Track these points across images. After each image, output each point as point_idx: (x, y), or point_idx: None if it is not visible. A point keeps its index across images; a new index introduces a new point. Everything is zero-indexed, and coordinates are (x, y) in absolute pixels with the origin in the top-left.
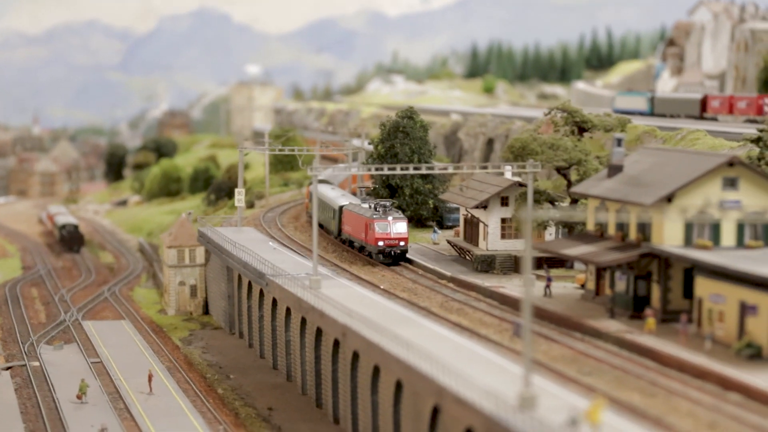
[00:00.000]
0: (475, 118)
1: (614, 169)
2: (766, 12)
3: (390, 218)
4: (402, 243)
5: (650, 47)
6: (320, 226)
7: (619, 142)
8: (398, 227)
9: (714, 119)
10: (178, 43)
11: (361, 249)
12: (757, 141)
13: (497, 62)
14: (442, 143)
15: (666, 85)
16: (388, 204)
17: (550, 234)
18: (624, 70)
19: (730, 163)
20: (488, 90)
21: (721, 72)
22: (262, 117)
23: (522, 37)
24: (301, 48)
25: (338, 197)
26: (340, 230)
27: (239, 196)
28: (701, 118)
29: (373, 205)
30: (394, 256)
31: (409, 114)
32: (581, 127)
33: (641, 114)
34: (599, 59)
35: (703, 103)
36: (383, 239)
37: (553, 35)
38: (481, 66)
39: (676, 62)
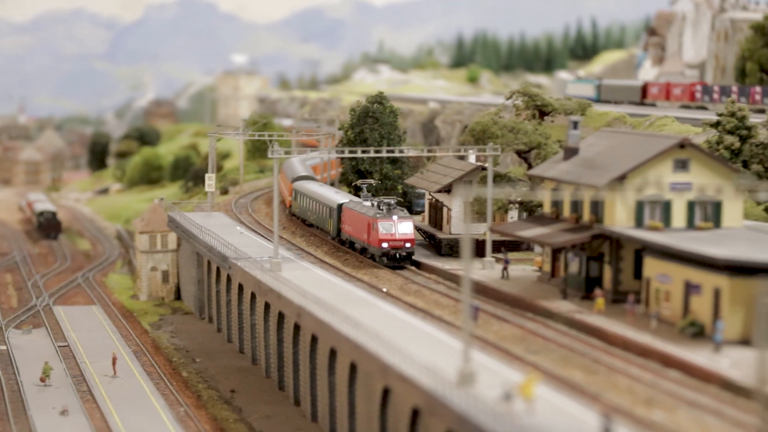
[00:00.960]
0: (452, 106)
1: (570, 152)
2: (746, 2)
3: (395, 217)
4: (408, 245)
5: (634, 37)
6: (311, 225)
7: (575, 125)
8: (404, 227)
9: (653, 105)
10: (164, 32)
11: (363, 251)
12: (716, 125)
13: (482, 52)
14: (420, 131)
15: (647, 75)
16: (392, 202)
17: (511, 217)
18: (606, 59)
19: (681, 145)
20: (472, 80)
21: (702, 61)
22: (248, 106)
23: (508, 27)
24: (288, 37)
25: (335, 194)
26: (339, 230)
27: (209, 181)
28: (642, 104)
29: (376, 203)
30: (400, 259)
31: (379, 99)
32: (542, 111)
33: (589, 100)
34: (584, 49)
35: (644, 90)
36: (387, 240)
37: (539, 25)
38: (467, 56)
39: (657, 52)
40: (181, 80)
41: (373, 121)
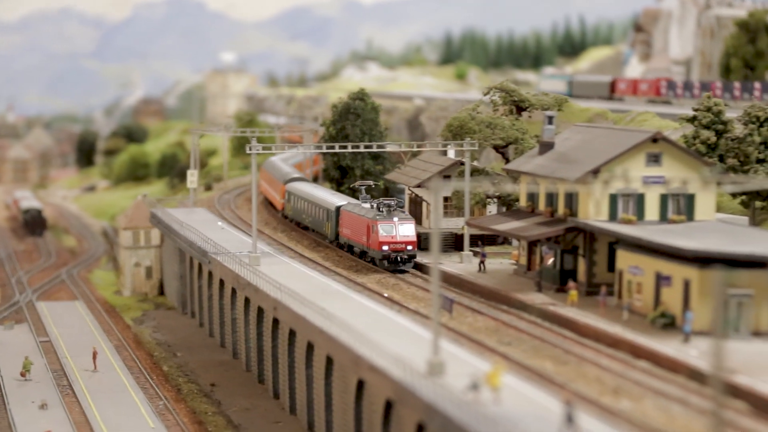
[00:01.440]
0: (437, 102)
1: (545, 147)
2: None
3: (395, 219)
4: (410, 247)
5: (622, 34)
6: (306, 228)
7: (550, 120)
8: (405, 229)
9: (621, 100)
10: (153, 31)
11: (363, 254)
12: (692, 120)
13: (471, 49)
14: (405, 127)
15: (634, 71)
16: (392, 203)
17: (490, 212)
18: (594, 56)
19: (654, 139)
20: (460, 77)
21: (688, 58)
22: (237, 104)
23: (497, 25)
24: (277, 35)
25: (333, 197)
26: (337, 234)
27: (191, 177)
28: (611, 98)
29: (375, 205)
30: (401, 262)
31: (360, 96)
32: (519, 107)
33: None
34: (572, 46)
35: (612, 86)
36: (388, 243)
37: (528, 22)
38: (455, 53)
39: (644, 48)
40: (170, 78)
41: (354, 118)
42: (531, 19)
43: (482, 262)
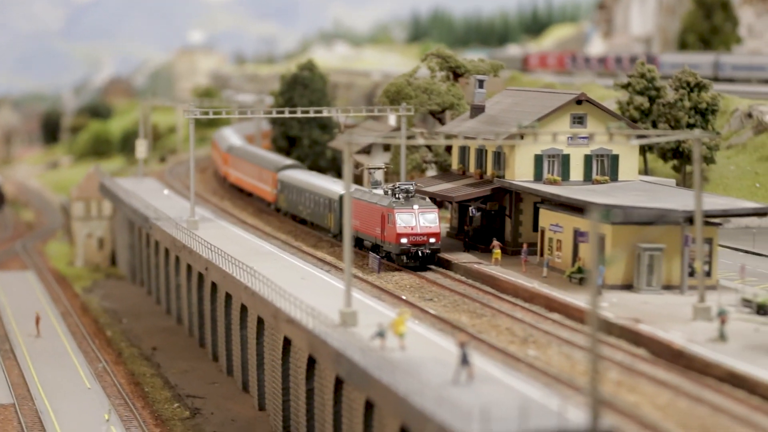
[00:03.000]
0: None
1: (476, 110)
2: None
3: (415, 207)
4: (432, 240)
5: (588, 12)
6: (303, 222)
7: (480, 83)
8: (427, 219)
9: (533, 72)
10: (121, 10)
11: (375, 249)
12: (626, 86)
13: (438, 28)
14: (363, 101)
15: (596, 48)
16: (411, 187)
17: (429, 176)
18: (557, 34)
19: (578, 101)
20: None
21: (648, 35)
22: (204, 83)
23: (465, 4)
24: (244, 14)
25: (335, 185)
26: (342, 226)
27: (140, 147)
28: (523, 71)
29: (390, 191)
30: (423, 258)
31: (309, 66)
32: (456, 73)
33: None
34: (537, 24)
35: (525, 60)
36: (407, 235)
37: (496, 1)
38: (422, 32)
39: (606, 26)
40: (139, 58)
41: (302, 88)
42: None
43: None
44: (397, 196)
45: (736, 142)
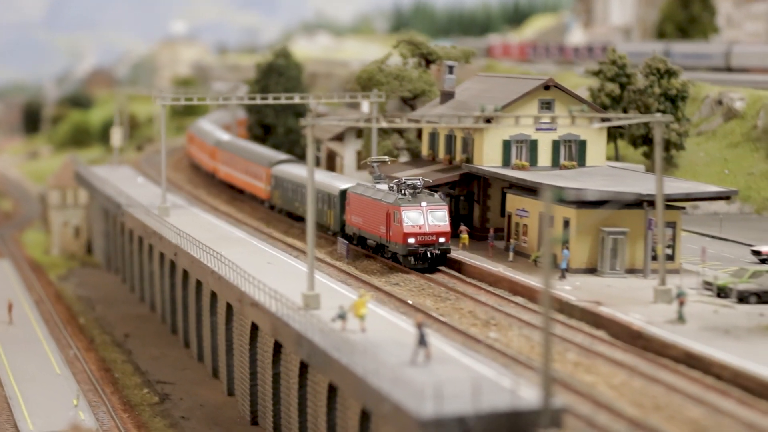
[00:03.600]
0: None
1: (446, 96)
2: None
3: (423, 204)
4: (442, 239)
5: (568, 2)
6: (300, 219)
7: (450, 69)
8: (436, 217)
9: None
10: (103, 0)
11: (379, 249)
12: (598, 73)
13: (421, 18)
14: (341, 90)
15: (575, 38)
16: (418, 183)
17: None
18: (538, 24)
19: (546, 87)
20: None
21: (627, 25)
22: (187, 73)
23: None
24: (227, 5)
25: (334, 179)
26: (343, 224)
27: (116, 135)
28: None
29: (396, 186)
30: (432, 259)
31: (284, 54)
32: (427, 59)
33: None
34: (519, 14)
35: (490, 51)
36: (415, 235)
37: None
38: (405, 22)
39: (586, 16)
40: (121, 48)
41: (277, 76)
42: None
43: None
44: (403, 192)
45: (706, 129)
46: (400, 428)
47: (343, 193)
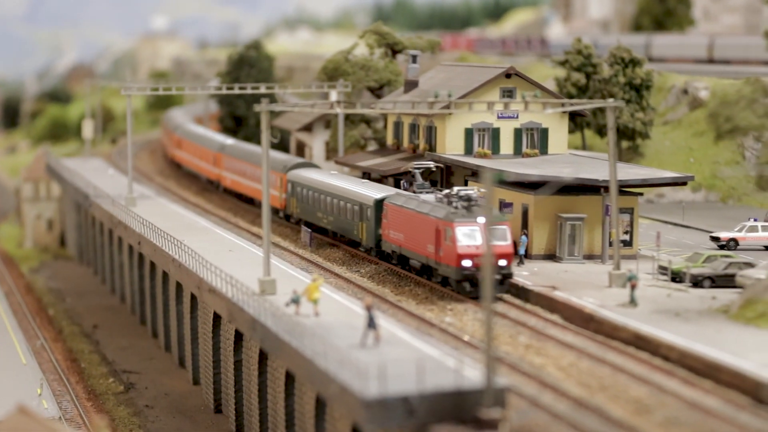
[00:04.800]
0: None
1: (410, 85)
2: None
3: (481, 220)
4: (503, 262)
5: None
6: (326, 233)
7: (414, 58)
8: (496, 235)
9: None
10: None
11: (425, 271)
12: (564, 63)
13: (401, 13)
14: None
15: (555, 32)
16: (473, 194)
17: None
18: (517, 18)
19: (507, 75)
20: None
21: (606, 18)
22: (167, 68)
23: None
24: (208, 0)
25: (365, 187)
26: (379, 239)
27: (86, 128)
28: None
29: (445, 197)
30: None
31: (255, 46)
32: (393, 50)
33: None
34: (499, 9)
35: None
36: (471, 256)
37: None
38: (386, 17)
39: (565, 10)
40: (102, 43)
41: (248, 68)
42: None
43: None
44: (453, 204)
45: (672, 118)
46: (347, 409)
47: (379, 204)
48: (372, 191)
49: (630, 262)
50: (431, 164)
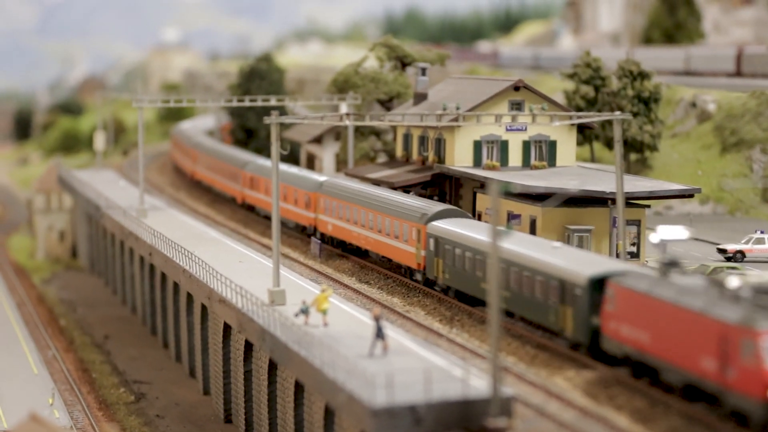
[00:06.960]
0: None
1: (419, 97)
2: None
3: None
4: None
5: (559, 9)
6: (511, 315)
7: (423, 71)
8: None
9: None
10: (94, 8)
11: (692, 391)
12: (572, 76)
13: (412, 26)
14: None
15: (565, 45)
16: None
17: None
18: (528, 31)
19: (516, 87)
20: None
21: (616, 31)
22: (179, 80)
23: (439, 1)
24: (219, 12)
25: (565, 255)
26: (596, 334)
27: (98, 139)
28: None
29: (724, 283)
30: None
31: (266, 58)
32: (403, 62)
33: None
34: (510, 21)
35: None
36: None
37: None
38: (397, 30)
39: (576, 23)
40: (113, 56)
41: (259, 80)
42: None
43: None
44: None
45: (681, 131)
46: (355, 418)
47: (599, 284)
48: (582, 266)
49: None
50: (684, 231)
